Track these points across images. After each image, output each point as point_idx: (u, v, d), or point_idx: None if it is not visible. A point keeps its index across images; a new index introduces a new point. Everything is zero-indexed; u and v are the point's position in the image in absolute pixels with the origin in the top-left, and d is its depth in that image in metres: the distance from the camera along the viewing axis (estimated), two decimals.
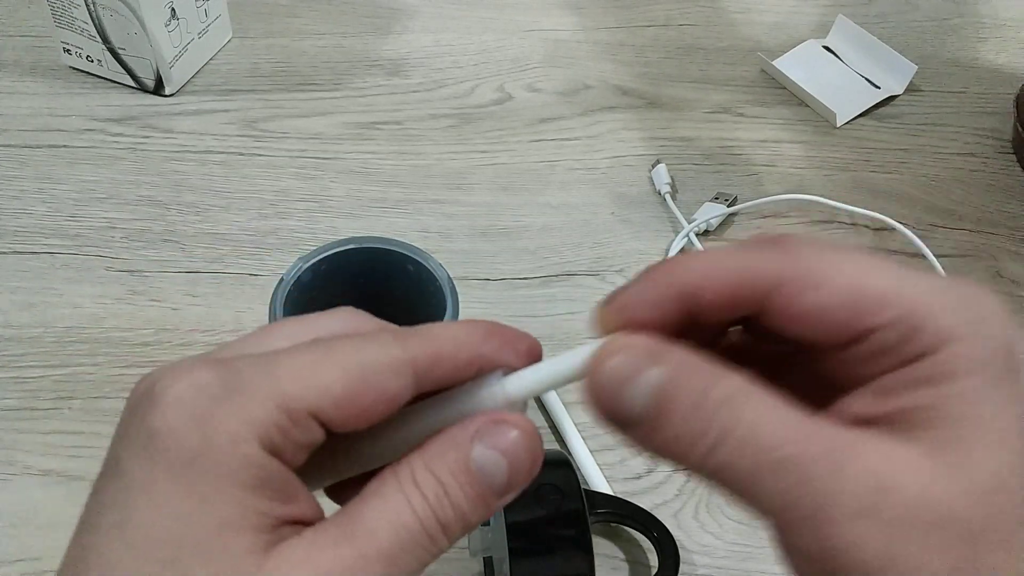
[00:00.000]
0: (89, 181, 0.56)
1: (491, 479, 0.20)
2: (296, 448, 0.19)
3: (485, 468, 0.20)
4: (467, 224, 0.55)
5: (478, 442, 0.20)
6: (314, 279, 0.39)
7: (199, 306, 0.50)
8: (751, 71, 0.68)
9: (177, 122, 0.60)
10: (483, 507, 0.20)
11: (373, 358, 0.20)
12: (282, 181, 0.57)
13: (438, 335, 0.21)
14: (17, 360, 0.46)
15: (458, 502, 0.20)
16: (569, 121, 0.63)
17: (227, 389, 0.19)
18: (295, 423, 0.19)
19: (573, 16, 0.72)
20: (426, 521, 0.20)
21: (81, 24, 0.59)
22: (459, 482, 0.20)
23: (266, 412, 0.19)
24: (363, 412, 0.20)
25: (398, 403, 0.20)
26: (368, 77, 0.65)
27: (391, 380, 0.20)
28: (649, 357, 0.19)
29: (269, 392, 0.19)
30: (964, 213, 0.58)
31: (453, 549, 0.41)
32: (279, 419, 0.19)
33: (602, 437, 0.45)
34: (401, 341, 0.21)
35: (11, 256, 0.51)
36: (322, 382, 0.19)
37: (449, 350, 0.21)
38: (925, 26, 0.73)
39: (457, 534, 0.20)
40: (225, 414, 0.19)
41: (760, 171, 0.60)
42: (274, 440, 0.19)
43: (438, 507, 0.20)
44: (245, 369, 0.19)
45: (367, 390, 0.20)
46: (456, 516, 0.20)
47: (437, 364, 0.21)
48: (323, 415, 0.19)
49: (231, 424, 0.18)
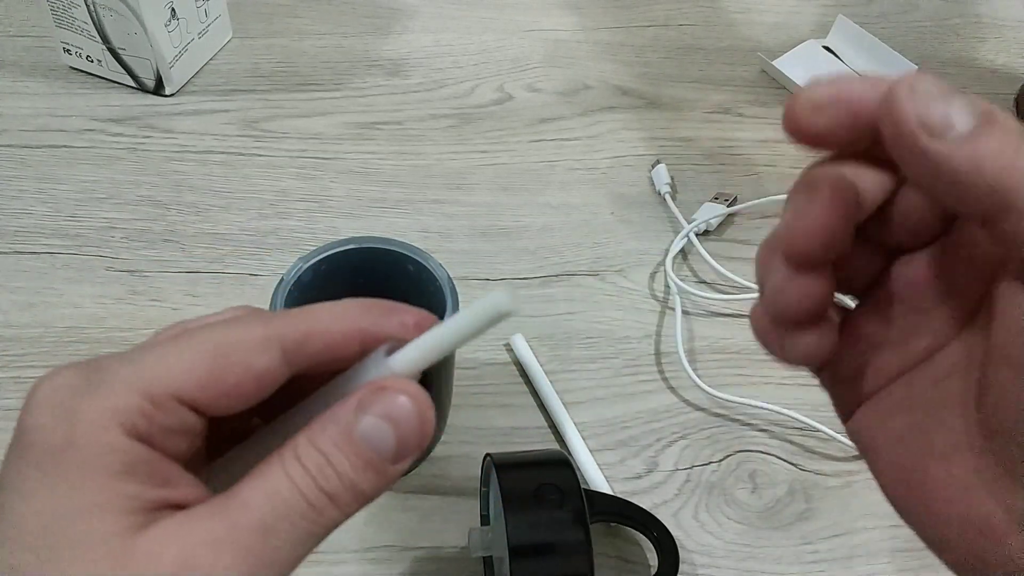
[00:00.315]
0: (89, 181, 0.56)
1: (378, 445, 0.20)
2: (165, 433, 0.20)
3: (370, 435, 0.20)
4: (467, 224, 0.55)
5: (361, 412, 0.21)
6: (314, 279, 0.39)
7: (199, 306, 0.50)
8: (751, 71, 0.68)
9: (177, 122, 0.60)
10: (375, 475, 0.21)
11: (236, 338, 0.21)
12: (282, 181, 0.57)
13: (311, 311, 0.22)
14: (17, 360, 0.47)
15: (344, 471, 0.20)
16: (569, 121, 0.63)
17: (90, 383, 0.20)
18: (158, 407, 0.20)
19: (573, 16, 0.72)
20: (306, 490, 0.20)
21: (81, 24, 0.59)
22: (343, 452, 0.20)
23: (128, 400, 0.19)
24: (231, 391, 0.20)
25: (269, 380, 0.21)
26: (368, 77, 0.65)
27: (255, 356, 0.21)
28: (950, 94, 0.18)
29: (130, 381, 0.20)
30: None
31: (452, 549, 0.41)
32: (141, 405, 0.19)
33: (602, 437, 0.45)
34: (267, 320, 0.21)
35: (11, 256, 0.51)
36: (183, 365, 0.20)
37: (321, 325, 0.22)
38: (925, 26, 0.73)
39: (351, 503, 0.20)
40: (87, 406, 0.19)
41: (760, 171, 0.60)
42: (138, 426, 0.19)
43: (320, 477, 0.20)
44: (109, 364, 0.20)
45: (230, 368, 0.20)
46: (344, 485, 0.20)
47: (308, 339, 0.21)
48: (188, 397, 0.20)
49: (93, 414, 0.19)
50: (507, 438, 0.45)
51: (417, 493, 0.43)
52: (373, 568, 0.40)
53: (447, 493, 0.43)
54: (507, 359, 0.49)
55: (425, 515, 0.42)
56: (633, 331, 0.50)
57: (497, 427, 0.46)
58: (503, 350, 0.49)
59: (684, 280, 0.53)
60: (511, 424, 0.46)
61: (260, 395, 0.21)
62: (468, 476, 0.43)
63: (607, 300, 0.52)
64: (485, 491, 0.41)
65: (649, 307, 0.52)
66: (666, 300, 0.52)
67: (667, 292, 0.52)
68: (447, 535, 0.42)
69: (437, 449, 0.45)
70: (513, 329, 0.49)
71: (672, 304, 0.52)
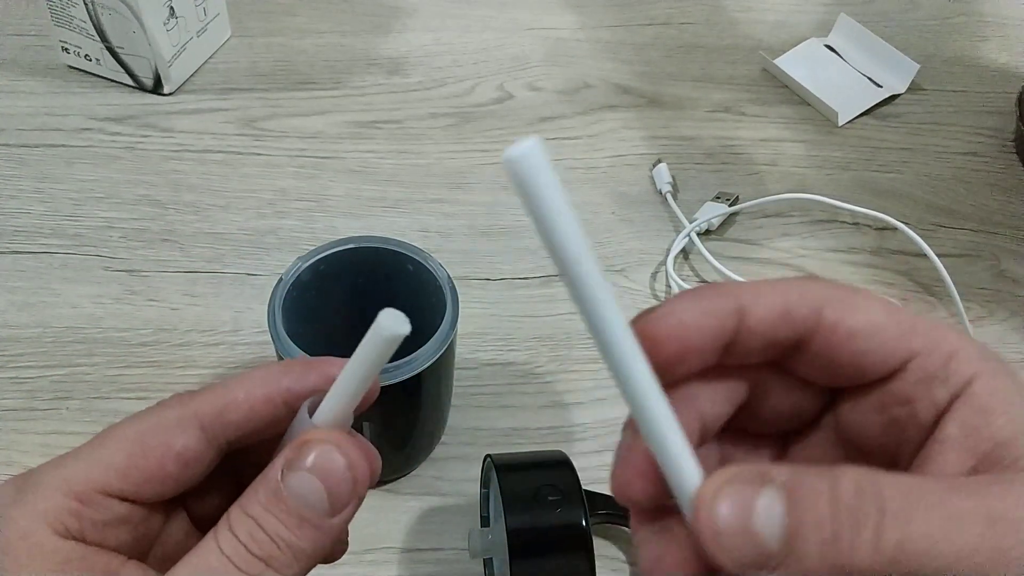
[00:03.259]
0: (87, 180, 0.55)
1: (309, 499, 0.20)
2: (99, 526, 0.21)
3: (298, 491, 0.20)
4: (467, 224, 0.55)
5: (287, 470, 0.21)
6: (313, 279, 0.39)
7: (198, 306, 0.49)
8: (752, 70, 0.67)
9: (176, 121, 0.60)
10: (312, 530, 0.20)
11: (152, 423, 0.21)
12: (281, 180, 0.56)
13: (229, 383, 0.22)
14: (15, 360, 0.46)
15: (276, 531, 0.20)
16: (570, 120, 0.62)
17: (20, 491, 0.21)
18: (86, 504, 0.20)
19: (573, 15, 0.72)
20: (237, 559, 0.20)
21: (79, 23, 0.59)
22: (274, 513, 0.20)
23: (54, 501, 0.20)
24: (155, 475, 0.21)
25: (192, 458, 0.21)
26: (368, 76, 0.64)
27: (173, 437, 0.21)
28: (756, 478, 0.17)
29: (56, 484, 0.20)
30: (966, 212, 0.58)
31: (452, 551, 0.41)
32: (68, 505, 0.20)
33: (602, 437, 0.45)
34: (186, 401, 0.22)
35: (9, 256, 0.51)
36: (104, 459, 0.21)
37: (240, 395, 0.22)
38: (927, 25, 0.73)
39: (291, 563, 0.20)
40: (17, 513, 0.20)
41: (762, 170, 0.60)
42: (68, 525, 0.20)
43: (251, 542, 0.20)
44: (40, 470, 0.21)
45: (149, 453, 0.21)
46: (280, 547, 0.20)
47: (226, 410, 0.22)
48: (113, 488, 0.21)
49: (23, 520, 0.20)
50: (507, 439, 0.45)
51: (417, 494, 0.43)
52: (372, 569, 0.40)
53: (447, 494, 0.43)
54: (507, 359, 0.48)
55: (425, 516, 0.42)
56: None
57: (497, 428, 0.46)
58: (503, 350, 0.49)
59: (686, 280, 0.53)
60: (511, 425, 0.46)
61: (189, 475, 0.22)
62: (468, 477, 0.43)
63: None
64: (485, 492, 0.41)
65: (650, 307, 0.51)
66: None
67: (668, 292, 0.52)
68: (447, 536, 0.42)
69: (437, 450, 0.44)
70: (514, 327, 0.49)
71: None
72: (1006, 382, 0.19)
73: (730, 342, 0.20)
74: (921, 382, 0.19)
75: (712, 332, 0.19)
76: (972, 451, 0.18)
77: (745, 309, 0.19)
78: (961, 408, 0.19)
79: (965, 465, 0.18)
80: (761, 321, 0.19)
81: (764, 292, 0.20)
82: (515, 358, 0.48)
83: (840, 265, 0.54)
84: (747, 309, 0.19)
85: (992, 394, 0.18)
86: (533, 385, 0.47)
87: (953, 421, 0.19)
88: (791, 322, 0.19)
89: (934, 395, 0.19)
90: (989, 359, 0.19)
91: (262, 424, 0.22)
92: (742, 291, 0.20)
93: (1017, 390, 0.19)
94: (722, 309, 0.19)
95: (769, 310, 0.19)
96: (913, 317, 0.19)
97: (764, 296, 0.20)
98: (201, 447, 0.22)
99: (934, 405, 0.19)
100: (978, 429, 0.18)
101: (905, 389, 0.19)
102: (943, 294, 0.52)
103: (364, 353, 0.20)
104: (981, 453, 0.18)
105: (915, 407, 0.19)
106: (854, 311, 0.19)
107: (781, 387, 0.21)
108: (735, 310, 0.19)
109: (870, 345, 0.19)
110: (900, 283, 0.53)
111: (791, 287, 0.20)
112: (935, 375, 0.19)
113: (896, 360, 0.19)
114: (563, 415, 0.46)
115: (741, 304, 0.19)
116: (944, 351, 0.19)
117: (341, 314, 0.40)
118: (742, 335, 0.20)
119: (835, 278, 0.53)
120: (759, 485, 0.17)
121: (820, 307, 0.19)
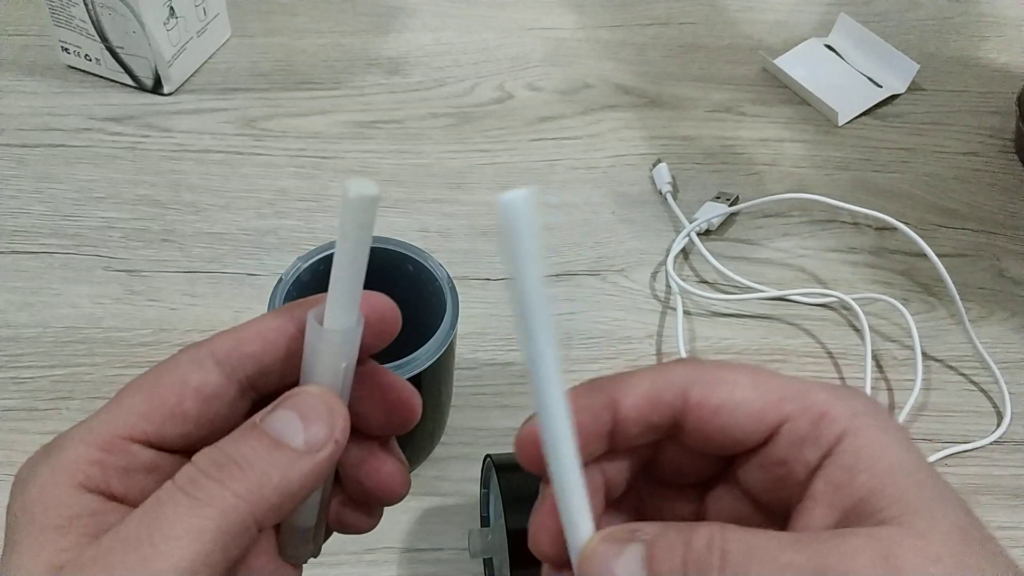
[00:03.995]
0: (87, 180, 0.55)
1: (283, 430, 0.21)
2: (124, 474, 0.21)
3: (272, 422, 0.21)
4: (467, 224, 0.55)
5: (266, 412, 0.21)
6: (313, 279, 0.39)
7: (197, 306, 0.49)
8: (752, 70, 0.67)
9: (176, 121, 0.60)
10: (283, 456, 0.20)
11: (168, 366, 0.22)
12: (281, 180, 0.56)
13: (241, 325, 0.22)
14: (15, 360, 0.46)
15: (243, 454, 0.20)
16: (570, 120, 0.62)
17: (47, 453, 0.21)
18: (110, 452, 0.21)
19: (573, 14, 0.71)
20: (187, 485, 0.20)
21: (79, 23, 0.59)
22: (243, 441, 0.20)
23: (77, 454, 0.20)
24: (175, 412, 0.21)
25: (211, 393, 0.21)
26: (368, 76, 0.64)
27: (189, 374, 0.21)
28: (626, 536, 0.20)
29: (80, 437, 0.21)
30: (966, 212, 0.58)
31: (452, 551, 0.41)
32: (91, 455, 0.20)
33: None
34: (200, 343, 0.22)
35: (9, 256, 0.51)
36: (125, 406, 0.21)
37: (251, 327, 0.22)
38: (927, 25, 0.73)
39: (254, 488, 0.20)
40: (38, 473, 0.20)
41: (762, 170, 0.60)
42: (92, 476, 0.20)
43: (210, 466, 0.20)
44: (67, 432, 0.21)
45: (167, 391, 0.21)
46: (245, 466, 0.20)
47: (240, 343, 0.22)
48: (137, 433, 0.21)
49: (45, 476, 0.20)
50: (507, 439, 0.45)
51: (417, 494, 0.43)
52: (372, 570, 0.40)
53: (447, 494, 0.43)
54: (507, 359, 0.48)
55: (425, 516, 0.42)
56: (634, 331, 0.50)
57: (497, 428, 0.46)
58: (503, 350, 0.49)
59: (686, 280, 0.53)
60: (511, 424, 0.46)
61: (211, 412, 0.22)
62: (468, 477, 0.43)
63: (608, 300, 0.52)
64: (485, 492, 0.41)
65: (650, 307, 0.51)
66: (667, 300, 0.52)
67: (668, 292, 0.52)
68: (447, 536, 0.42)
69: (437, 450, 0.44)
70: None
71: (673, 304, 0.51)
72: (878, 436, 0.20)
73: (610, 431, 0.21)
74: (793, 445, 0.20)
75: (589, 428, 0.21)
76: (837, 507, 0.19)
77: (616, 402, 0.21)
78: (828, 466, 0.20)
79: (830, 519, 0.20)
80: (632, 409, 0.21)
81: (633, 382, 0.21)
82: (515, 358, 0.48)
83: (840, 265, 0.54)
84: (618, 401, 0.21)
85: (858, 451, 0.20)
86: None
87: (821, 479, 0.20)
88: (660, 407, 0.21)
89: (805, 456, 0.20)
90: (863, 415, 0.20)
91: (279, 354, 0.22)
92: (614, 385, 0.21)
93: (886, 445, 0.20)
94: (595, 405, 0.21)
95: (638, 399, 0.21)
96: (785, 382, 0.21)
97: (633, 386, 0.21)
98: (220, 381, 0.22)
99: (806, 465, 0.20)
100: (842, 486, 0.19)
101: (779, 452, 0.21)
102: (943, 294, 0.52)
103: (344, 229, 0.20)
104: (845, 508, 0.19)
105: (791, 468, 0.21)
106: (716, 389, 0.21)
107: (677, 452, 0.23)
108: (607, 404, 0.21)
109: (735, 419, 0.21)
110: (900, 283, 0.53)
111: (659, 373, 0.21)
112: (805, 437, 0.20)
113: (766, 428, 0.21)
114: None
115: (612, 398, 0.21)
116: (813, 413, 0.20)
117: None
118: (618, 425, 0.21)
119: (837, 277, 0.53)
120: (627, 542, 0.19)
121: (686, 389, 0.21)
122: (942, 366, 0.50)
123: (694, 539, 0.19)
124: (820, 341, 0.51)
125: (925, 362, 0.49)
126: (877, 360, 0.50)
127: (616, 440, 0.22)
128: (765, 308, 0.52)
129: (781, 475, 0.21)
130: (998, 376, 0.48)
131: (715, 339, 0.50)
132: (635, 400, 0.21)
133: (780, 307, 0.52)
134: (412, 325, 0.41)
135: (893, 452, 0.20)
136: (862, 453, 0.20)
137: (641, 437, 0.22)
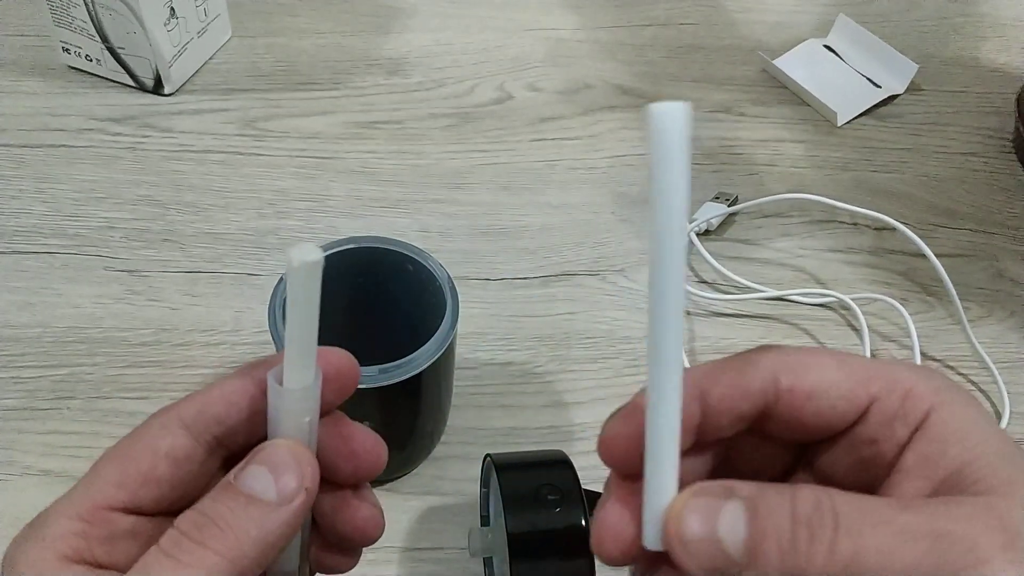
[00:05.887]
0: (88, 181, 0.56)
1: (255, 486, 0.21)
2: (107, 542, 0.21)
3: (244, 479, 0.21)
4: (467, 224, 0.55)
5: (238, 471, 0.22)
6: None
7: (198, 306, 0.49)
8: (752, 70, 0.67)
9: (176, 121, 0.60)
10: (258, 510, 0.21)
11: (137, 433, 0.22)
12: (281, 181, 0.57)
13: (206, 387, 0.23)
14: (16, 360, 0.46)
15: (220, 514, 0.21)
16: (569, 120, 0.62)
17: (31, 529, 0.21)
18: (91, 523, 0.21)
19: (573, 15, 0.72)
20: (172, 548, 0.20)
21: (80, 23, 0.59)
22: (219, 500, 0.21)
23: (60, 526, 0.21)
24: (147, 478, 0.22)
25: (181, 457, 0.22)
26: (368, 76, 0.64)
27: (157, 440, 0.22)
28: (722, 492, 0.19)
29: (61, 510, 0.21)
30: (965, 213, 0.58)
31: (452, 550, 0.41)
32: (73, 527, 0.21)
33: None
34: (164, 409, 0.23)
35: (10, 256, 0.51)
36: (99, 477, 0.22)
37: (215, 390, 0.23)
38: (926, 25, 0.73)
39: (233, 545, 0.20)
40: (25, 550, 0.21)
41: (761, 170, 0.60)
42: (77, 547, 0.21)
43: (192, 529, 0.21)
44: (50, 506, 0.22)
45: (138, 458, 0.22)
46: (223, 526, 0.20)
47: (206, 406, 0.22)
48: (114, 501, 0.21)
49: (32, 552, 0.21)
50: (507, 438, 0.45)
51: (417, 493, 0.43)
52: (372, 569, 0.40)
53: (447, 493, 0.43)
54: (507, 359, 0.48)
55: (425, 515, 0.42)
56: (634, 331, 0.50)
57: (497, 427, 0.46)
58: (503, 350, 0.49)
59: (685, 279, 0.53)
60: (511, 424, 0.46)
61: (183, 475, 0.22)
62: (468, 476, 0.43)
63: (608, 300, 0.52)
64: (485, 491, 0.41)
65: None
66: None
67: None
68: (447, 536, 0.42)
69: (437, 449, 0.44)
70: (514, 327, 0.49)
71: None
72: (963, 411, 0.20)
73: (699, 424, 0.21)
74: (883, 423, 0.20)
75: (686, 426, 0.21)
76: (930, 479, 0.20)
77: (705, 392, 0.21)
78: (919, 440, 0.20)
79: (923, 492, 0.20)
80: (722, 400, 0.21)
81: (720, 372, 0.21)
82: (515, 358, 0.48)
83: (839, 265, 0.54)
84: (707, 392, 0.21)
85: (947, 424, 0.20)
86: (533, 385, 0.47)
87: (912, 452, 0.20)
88: (750, 395, 0.21)
89: (895, 433, 0.20)
90: (945, 391, 0.20)
91: (242, 415, 0.23)
92: (700, 376, 0.21)
93: (972, 419, 0.20)
94: (684, 396, 0.21)
95: (728, 388, 0.21)
96: (867, 363, 0.21)
97: (721, 376, 0.21)
98: (188, 444, 0.22)
99: (896, 442, 0.20)
100: (934, 458, 0.20)
101: (869, 432, 0.21)
102: (942, 294, 0.52)
103: (293, 294, 0.21)
104: (938, 480, 0.19)
105: (880, 447, 0.21)
106: (807, 373, 0.21)
107: (754, 446, 0.23)
108: (695, 396, 0.21)
109: (828, 402, 0.21)
110: (899, 283, 0.54)
111: (746, 361, 0.21)
112: (894, 415, 0.20)
113: (857, 408, 0.21)
114: (563, 415, 0.46)
115: (701, 389, 0.21)
116: (900, 391, 0.20)
117: (341, 314, 0.40)
118: (707, 417, 0.21)
119: (836, 277, 0.53)
120: (725, 498, 0.19)
121: (775, 376, 0.21)
122: (941, 366, 0.50)
123: (799, 499, 0.18)
124: (819, 341, 0.51)
125: (924, 362, 0.49)
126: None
127: (705, 433, 0.21)
128: (764, 308, 0.52)
129: (870, 455, 0.21)
130: (997, 376, 0.48)
131: (714, 339, 0.50)
132: (724, 390, 0.21)
133: (779, 307, 0.52)
134: (412, 325, 0.41)
135: (980, 426, 0.20)
136: (951, 427, 0.20)
137: (730, 428, 0.21)
